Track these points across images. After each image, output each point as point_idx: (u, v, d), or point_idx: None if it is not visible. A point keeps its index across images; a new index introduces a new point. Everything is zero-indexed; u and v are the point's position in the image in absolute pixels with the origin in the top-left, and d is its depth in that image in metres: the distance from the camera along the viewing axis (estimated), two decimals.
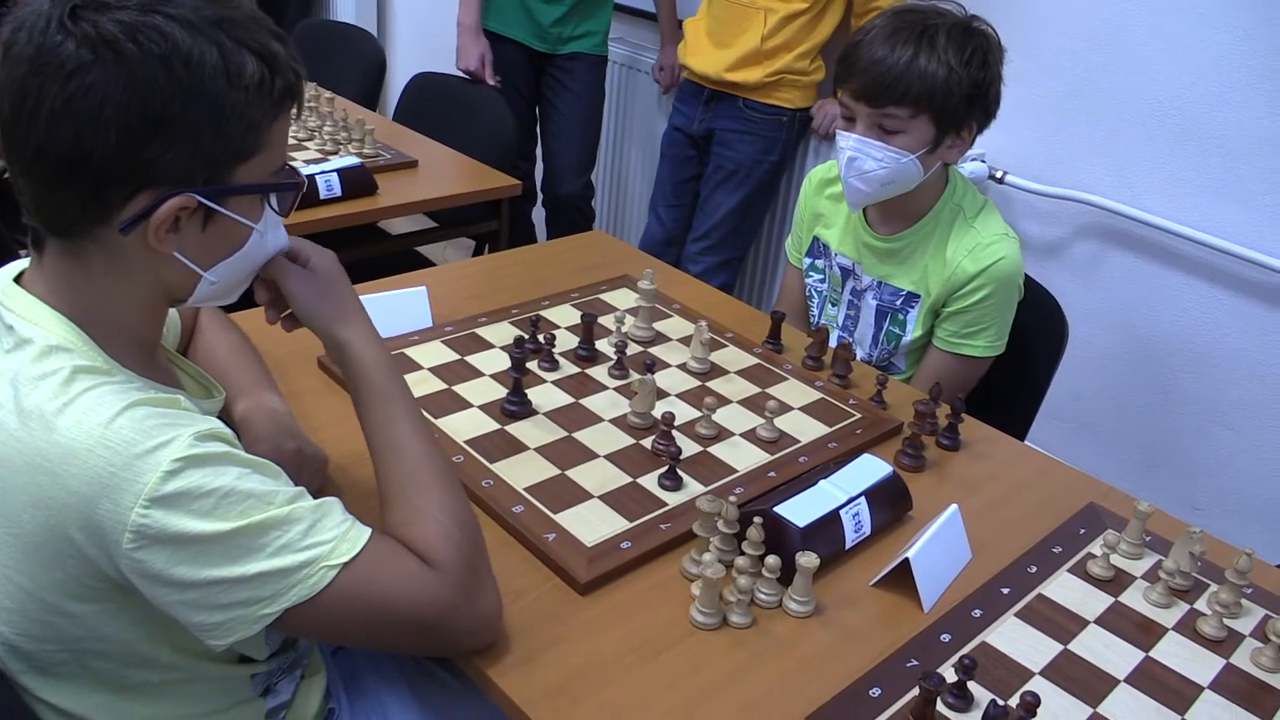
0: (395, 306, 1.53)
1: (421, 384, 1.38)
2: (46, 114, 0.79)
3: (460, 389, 1.38)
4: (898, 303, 1.68)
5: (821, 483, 1.18)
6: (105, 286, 0.88)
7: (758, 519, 1.07)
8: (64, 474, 0.78)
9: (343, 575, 0.85)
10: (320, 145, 2.36)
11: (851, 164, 1.56)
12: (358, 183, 2.10)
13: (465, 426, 1.30)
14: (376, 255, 2.31)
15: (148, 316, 0.93)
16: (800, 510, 1.12)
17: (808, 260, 1.83)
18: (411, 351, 1.46)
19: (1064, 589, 1.14)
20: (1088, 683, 1.00)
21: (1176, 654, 1.06)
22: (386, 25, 4.47)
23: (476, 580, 0.94)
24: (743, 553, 1.07)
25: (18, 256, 0.95)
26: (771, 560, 1.06)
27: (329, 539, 0.85)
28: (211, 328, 1.25)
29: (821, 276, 1.81)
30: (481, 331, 1.53)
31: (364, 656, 1.23)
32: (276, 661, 1.05)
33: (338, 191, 2.06)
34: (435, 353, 1.46)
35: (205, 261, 0.90)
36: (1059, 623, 1.08)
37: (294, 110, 0.91)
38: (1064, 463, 1.41)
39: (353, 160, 2.16)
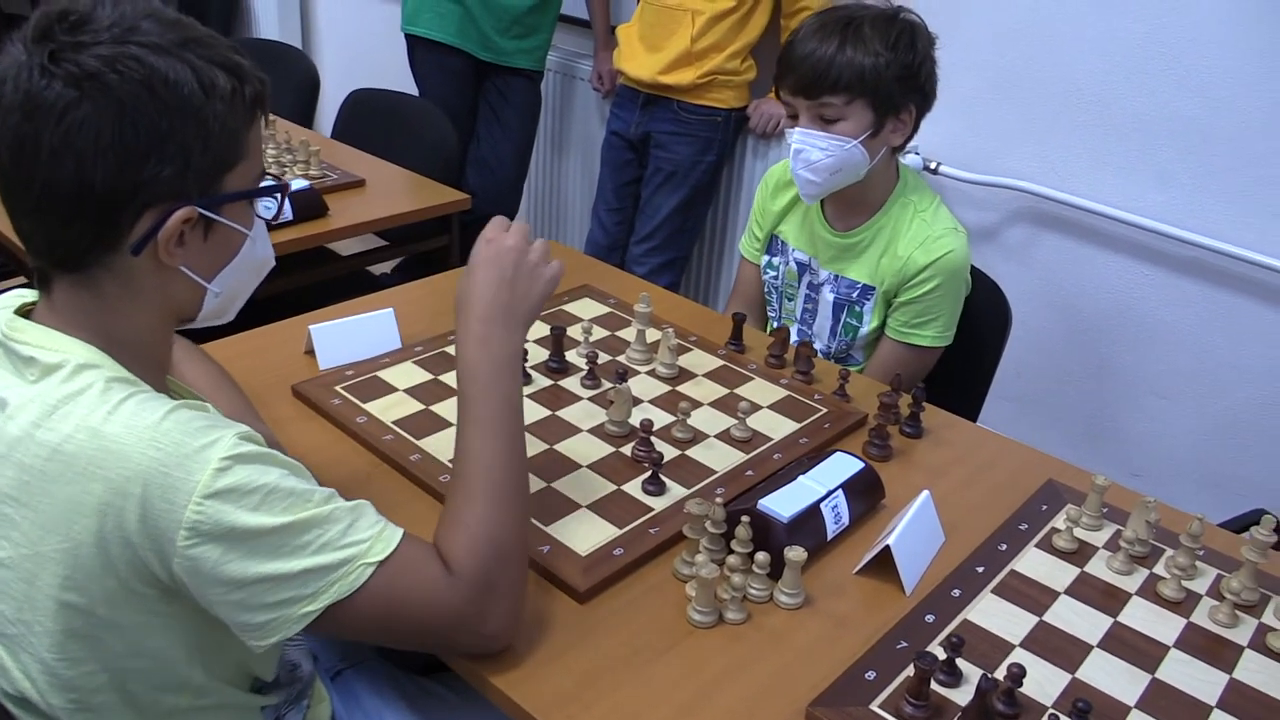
0: (363, 330, 1.55)
1: (398, 406, 1.40)
2: (47, 154, 0.82)
3: (437, 409, 1.40)
4: (854, 295, 1.75)
5: (800, 478, 1.23)
6: (120, 311, 0.91)
7: (745, 517, 1.11)
8: (117, 477, 0.81)
9: (377, 573, 0.89)
10: (265, 169, 2.34)
11: (799, 156, 1.63)
12: (309, 206, 2.09)
13: (448, 446, 1.30)
14: (329, 278, 2.31)
15: (160, 337, 0.97)
16: (783, 505, 1.17)
17: (765, 257, 1.88)
18: (384, 374, 1.48)
19: (1033, 563, 1.20)
20: (1065, 650, 1.07)
21: (1142, 617, 1.13)
22: (312, 42, 4.44)
23: (491, 597, 0.96)
24: (732, 551, 1.12)
25: None
26: (761, 556, 1.10)
27: (366, 538, 0.89)
28: (188, 361, 1.26)
29: (776, 274, 1.87)
30: (451, 349, 1.55)
31: (363, 681, 1.25)
32: (284, 693, 1.07)
33: (289, 216, 2.06)
34: (408, 374, 1.48)
35: (208, 272, 0.95)
36: (1032, 596, 1.15)
37: (264, 117, 0.95)
38: (1020, 442, 1.48)
39: (301, 183, 2.16)
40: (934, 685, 1.00)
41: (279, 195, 1.01)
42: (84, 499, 0.82)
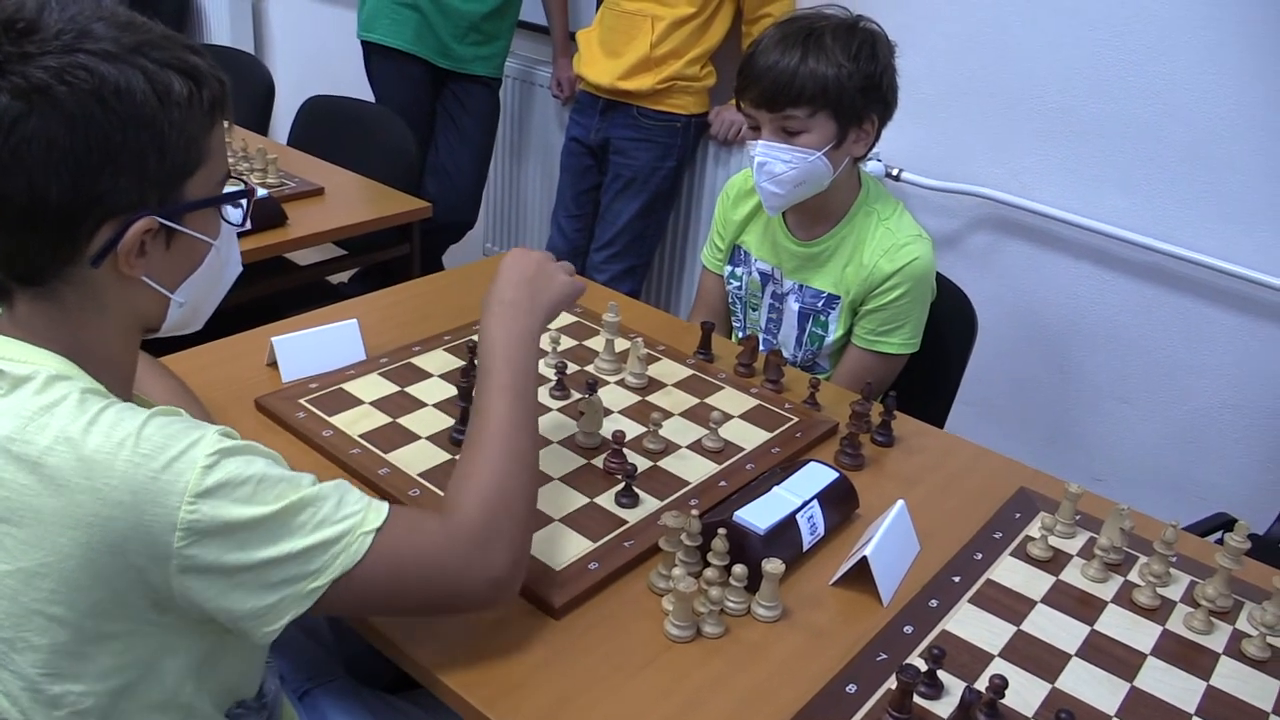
0: (327, 341, 1.51)
1: (365, 419, 1.37)
2: None
3: (405, 421, 1.37)
4: (819, 305, 1.74)
5: (776, 489, 1.22)
6: (83, 322, 0.89)
7: (721, 529, 1.10)
8: (104, 488, 0.80)
9: (378, 539, 0.89)
10: (231, 172, 2.30)
11: (762, 169, 1.62)
12: (267, 214, 2.06)
13: (416, 459, 1.29)
14: (288, 288, 2.27)
15: (125, 348, 0.95)
16: (759, 517, 1.16)
17: (728, 268, 1.87)
18: (349, 386, 1.44)
19: (1009, 572, 1.20)
20: (1043, 660, 1.07)
21: (1118, 625, 1.13)
22: (265, 48, 4.37)
23: (494, 536, 0.96)
24: (708, 564, 1.10)
25: None
26: (739, 569, 1.09)
27: (358, 509, 0.90)
28: (147, 374, 1.23)
29: (739, 284, 1.86)
30: (418, 361, 1.53)
31: (330, 699, 1.22)
32: (254, 717, 1.04)
33: (247, 225, 2.00)
34: (374, 386, 1.45)
35: (172, 282, 0.93)
36: (1009, 605, 1.14)
37: (225, 119, 0.93)
38: (992, 450, 1.48)
39: (259, 191, 2.12)
40: (916, 698, 0.99)
41: (245, 201, 0.99)
42: (70, 512, 0.80)
